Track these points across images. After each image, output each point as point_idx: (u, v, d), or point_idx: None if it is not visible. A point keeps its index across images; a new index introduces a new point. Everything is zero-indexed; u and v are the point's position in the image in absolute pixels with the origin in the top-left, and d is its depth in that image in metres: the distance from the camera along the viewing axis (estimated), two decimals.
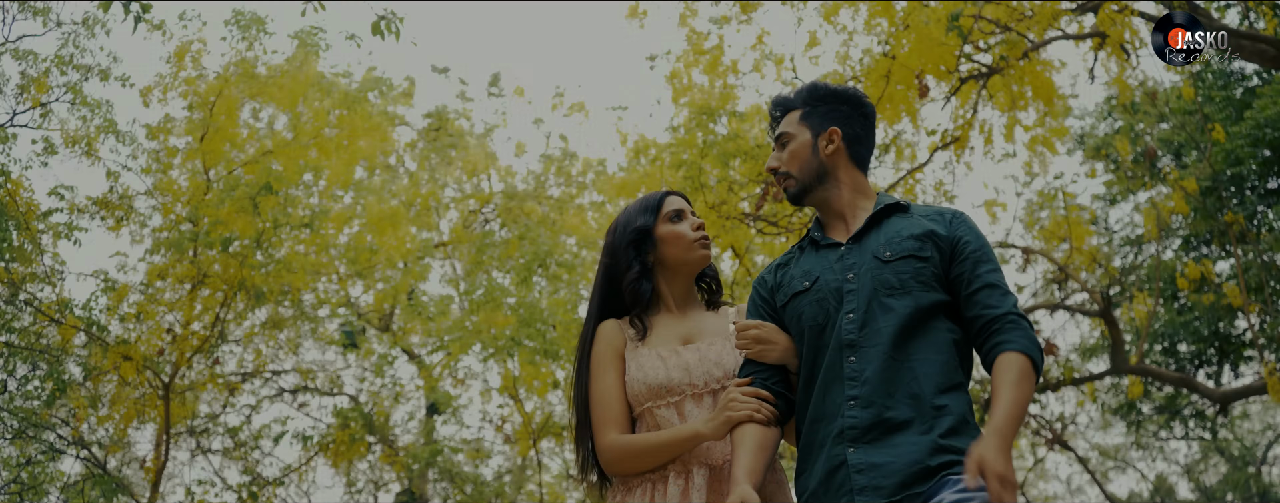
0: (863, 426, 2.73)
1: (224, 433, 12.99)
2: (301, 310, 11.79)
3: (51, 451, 13.83)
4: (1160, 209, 10.31)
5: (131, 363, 8.24)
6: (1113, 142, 14.58)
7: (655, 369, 3.11)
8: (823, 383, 2.86)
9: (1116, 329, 9.26)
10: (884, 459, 2.68)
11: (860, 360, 2.80)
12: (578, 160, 15.65)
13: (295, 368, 13.10)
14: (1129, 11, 7.20)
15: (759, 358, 3.01)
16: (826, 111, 3.14)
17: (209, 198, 8.82)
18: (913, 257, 2.89)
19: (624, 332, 3.23)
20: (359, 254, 10.30)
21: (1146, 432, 17.25)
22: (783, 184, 3.14)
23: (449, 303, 12.58)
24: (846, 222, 3.07)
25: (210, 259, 8.56)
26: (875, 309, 2.83)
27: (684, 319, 3.26)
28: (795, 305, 2.99)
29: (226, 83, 9.07)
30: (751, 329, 3.01)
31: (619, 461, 3.07)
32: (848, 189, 3.10)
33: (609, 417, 3.11)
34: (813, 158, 3.09)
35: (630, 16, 9.40)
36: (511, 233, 13.86)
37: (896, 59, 6.10)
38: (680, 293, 3.30)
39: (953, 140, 7.06)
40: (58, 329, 8.52)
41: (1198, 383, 9.89)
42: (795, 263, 3.10)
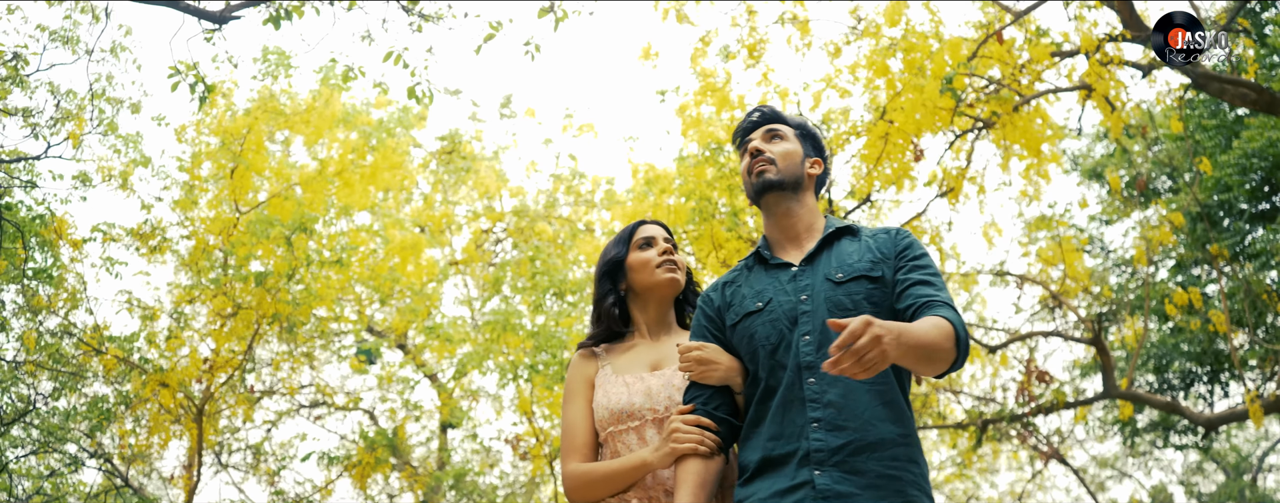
0: (829, 449, 2.78)
1: (246, 449, 13.41)
2: (323, 331, 12.21)
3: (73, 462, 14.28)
4: (1149, 239, 10.70)
5: (169, 390, 8.67)
6: (1108, 164, 14.99)
7: (619, 395, 3.16)
8: (782, 402, 2.89)
9: (1107, 355, 9.66)
10: (847, 488, 2.74)
11: (820, 383, 2.85)
12: (587, 179, 16.03)
13: (314, 385, 13.51)
14: (1116, 61, 7.61)
15: (702, 379, 3.02)
16: (815, 145, 3.28)
17: (239, 231, 9.25)
18: (864, 277, 2.95)
19: (597, 360, 3.31)
20: (381, 282, 10.72)
21: (1144, 440, 17.62)
22: (760, 165, 3.14)
23: (464, 324, 12.98)
24: (800, 243, 3.12)
25: (243, 290, 8.99)
26: (831, 332, 2.86)
27: (656, 345, 3.33)
28: (747, 325, 3.02)
29: (255, 119, 9.49)
30: (693, 351, 3.04)
31: (576, 488, 3.13)
32: (811, 211, 3.18)
33: (573, 445, 3.18)
34: (798, 167, 3.17)
35: (643, 58, 9.81)
36: (523, 253, 14.26)
37: (894, 125, 6.50)
38: (654, 319, 3.37)
39: (948, 190, 7.48)
40: (99, 359, 8.94)
41: (1184, 409, 10.28)
42: (744, 282, 3.13)
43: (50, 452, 13.67)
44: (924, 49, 7.68)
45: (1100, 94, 6.93)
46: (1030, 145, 7.26)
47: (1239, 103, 8.57)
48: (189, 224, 9.82)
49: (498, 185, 14.62)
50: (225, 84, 9.55)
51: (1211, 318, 9.75)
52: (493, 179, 14.90)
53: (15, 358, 11.50)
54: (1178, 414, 10.80)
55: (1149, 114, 10.70)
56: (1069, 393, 14.50)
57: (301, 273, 8.78)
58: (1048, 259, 11.74)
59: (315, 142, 10.26)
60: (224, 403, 10.37)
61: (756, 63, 8.90)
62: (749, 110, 3.34)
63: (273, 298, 8.62)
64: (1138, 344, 10.19)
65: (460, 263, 14.98)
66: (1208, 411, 14.09)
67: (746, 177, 3.19)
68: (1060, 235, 11.67)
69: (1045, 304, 12.16)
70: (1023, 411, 10.32)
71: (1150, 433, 15.48)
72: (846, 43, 9.48)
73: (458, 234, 15.69)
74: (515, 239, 15.01)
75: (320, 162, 10.27)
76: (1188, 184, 12.35)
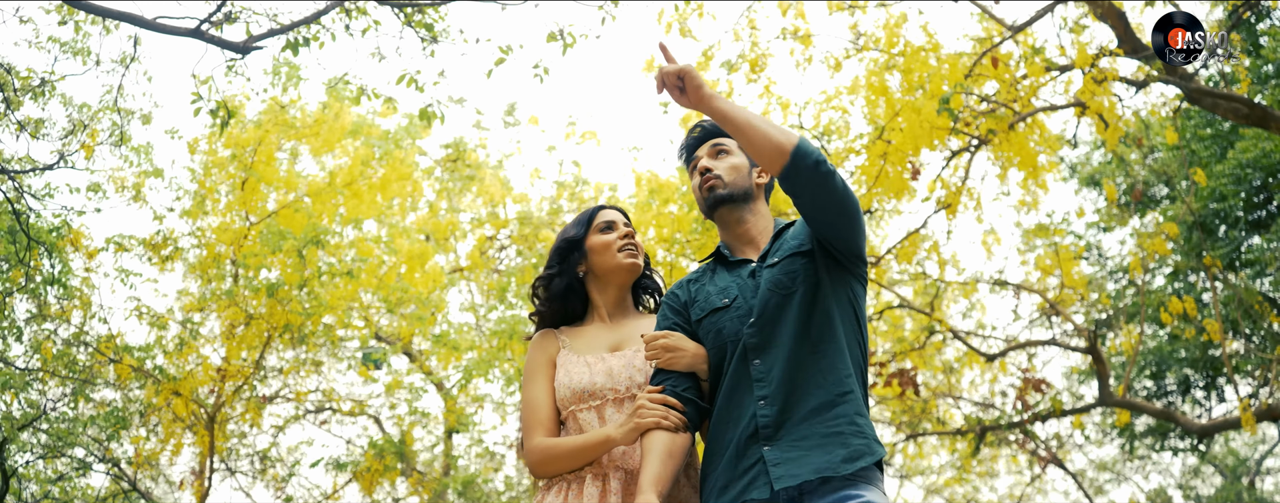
0: (774, 423, 2.90)
1: (254, 455, 13.59)
2: (331, 338, 12.39)
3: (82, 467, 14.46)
4: (1145, 249, 10.87)
5: (181, 399, 8.85)
6: (1105, 171, 15.14)
7: (580, 375, 3.23)
8: (730, 385, 3.02)
9: (1103, 364, 9.84)
10: (797, 454, 2.85)
11: (764, 363, 2.98)
12: (589, 186, 16.19)
13: (320, 391, 13.69)
14: (1111, 76, 7.78)
15: (669, 366, 3.11)
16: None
17: (249, 243, 9.42)
18: (795, 254, 3.09)
19: (558, 339, 3.37)
20: (388, 292, 10.90)
21: (1143, 444, 17.79)
22: (709, 182, 3.25)
23: (469, 331, 13.16)
24: (757, 245, 3.25)
25: (254, 299, 9.16)
26: (769, 311, 3.02)
27: (615, 328, 3.38)
28: (714, 320, 3.12)
29: (266, 131, 9.67)
30: (659, 339, 3.12)
31: (540, 463, 3.18)
32: (763, 218, 3.30)
33: (535, 421, 3.23)
34: (746, 179, 3.28)
35: (646, 70, 9.98)
36: (527, 260, 14.43)
37: (893, 144, 6.69)
38: (612, 302, 3.42)
39: (945, 206, 7.66)
40: (114, 368, 9.11)
41: (1178, 416, 10.46)
42: (709, 280, 3.25)
43: (58, 456, 13.85)
44: (922, 68, 7.86)
45: (1094, 111, 7.10)
46: (1026, 162, 7.44)
47: (1231, 117, 8.74)
48: (200, 234, 9.99)
49: (502, 194, 14.81)
50: (237, 97, 9.72)
51: (1206, 327, 9.91)
52: (497, 187, 15.08)
53: (28, 365, 11.69)
54: (1171, 422, 10.97)
55: (1145, 124, 10.86)
56: (1068, 399, 14.67)
57: (312, 284, 8.96)
58: (1045, 267, 11.92)
59: (325, 152, 10.43)
60: (233, 410, 10.55)
61: (758, 76, 9.08)
62: (691, 126, 3.44)
63: (284, 309, 8.79)
64: (1133, 353, 10.35)
65: (465, 270, 15.17)
66: (1206, 416, 14.27)
67: (698, 193, 3.31)
68: (1057, 243, 11.85)
69: (1043, 312, 12.34)
70: (1020, 418, 10.49)
71: (1148, 437, 15.64)
72: (847, 57, 9.66)
73: (462, 241, 15.88)
74: (519, 246, 15.20)
75: (329, 173, 10.44)
76: (1184, 193, 12.52)
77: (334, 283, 9.43)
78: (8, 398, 11.43)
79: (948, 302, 13.13)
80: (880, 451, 2.92)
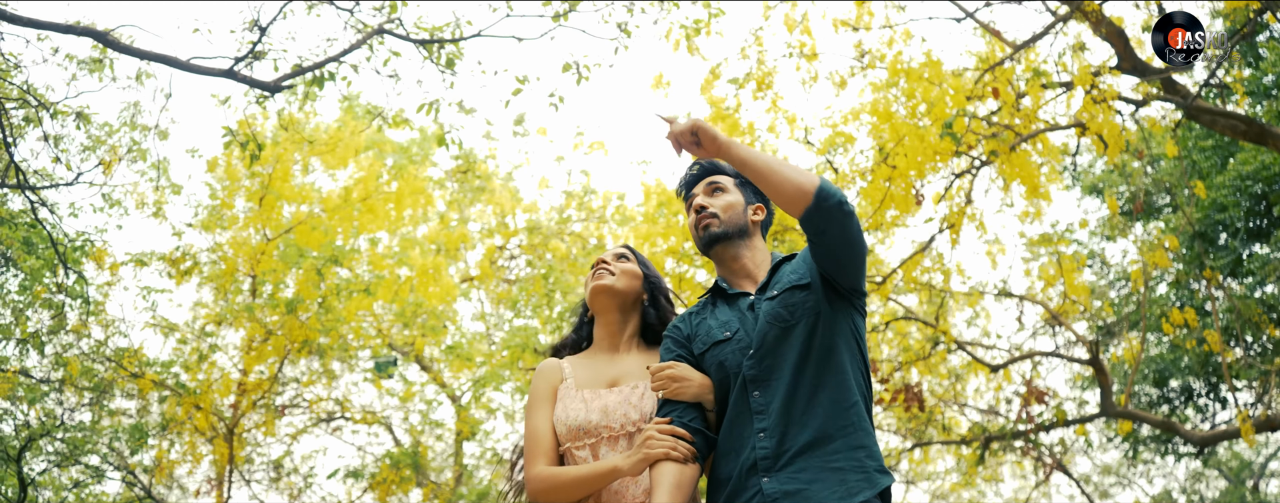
0: (773, 455, 2.91)
1: (269, 464, 13.79)
2: (343, 347, 12.61)
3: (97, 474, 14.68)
4: (1147, 260, 11.03)
5: (202, 412, 9.05)
6: (1108, 180, 15.29)
7: (576, 411, 3.21)
8: (732, 417, 3.04)
9: (1105, 375, 10.00)
10: (795, 487, 2.87)
11: (763, 395, 2.99)
12: (598, 195, 16.37)
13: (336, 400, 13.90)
14: (1110, 95, 7.95)
15: (675, 396, 3.11)
16: (756, 192, 3.41)
17: (269, 257, 9.62)
18: (795, 288, 3.12)
19: (562, 370, 3.36)
20: (403, 305, 11.09)
21: (1148, 448, 17.93)
22: (705, 220, 3.29)
23: (481, 341, 13.36)
24: (754, 278, 3.27)
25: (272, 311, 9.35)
26: (768, 343, 3.04)
27: (616, 360, 3.37)
28: (716, 353, 3.13)
29: (285, 149, 9.86)
30: (665, 370, 3.12)
31: (543, 492, 3.16)
32: (760, 252, 3.32)
33: (537, 449, 3.21)
34: (742, 216, 3.31)
35: (655, 87, 10.16)
36: (537, 270, 14.62)
37: (896, 168, 6.88)
38: (611, 333, 3.40)
39: (949, 226, 7.83)
40: (137, 382, 9.31)
41: (1179, 427, 10.63)
42: (709, 315, 3.25)
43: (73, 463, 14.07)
44: (925, 91, 8.04)
45: (1094, 131, 7.27)
46: (1028, 180, 7.62)
47: (1229, 134, 8.91)
48: (218, 250, 10.20)
49: (512, 204, 14.99)
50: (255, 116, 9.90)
51: (1206, 337, 10.08)
52: (507, 197, 15.27)
53: (46, 376, 11.90)
54: (1172, 432, 11.13)
55: (1146, 136, 11.03)
56: (1072, 406, 14.81)
57: (330, 300, 9.16)
58: (1048, 277, 12.08)
59: (341, 167, 10.63)
60: (251, 421, 10.75)
61: (765, 93, 9.26)
62: (690, 164, 3.45)
63: (303, 324, 8.99)
64: (1134, 364, 10.52)
65: (475, 280, 15.36)
66: (1209, 422, 14.43)
67: (694, 231, 3.33)
68: (1061, 253, 12.00)
69: (1046, 321, 12.50)
70: (1024, 428, 10.66)
71: (1152, 443, 15.79)
72: (851, 74, 9.84)
73: (472, 249, 16.07)
74: (529, 256, 15.39)
75: (345, 188, 10.64)
76: (1186, 202, 12.67)
77: (351, 298, 9.62)
78: (24, 408, 11.66)
79: (953, 310, 13.30)
80: (882, 481, 2.94)
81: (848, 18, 9.91)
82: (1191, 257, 12.88)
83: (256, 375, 9.84)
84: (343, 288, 9.37)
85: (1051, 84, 8.92)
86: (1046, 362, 13.57)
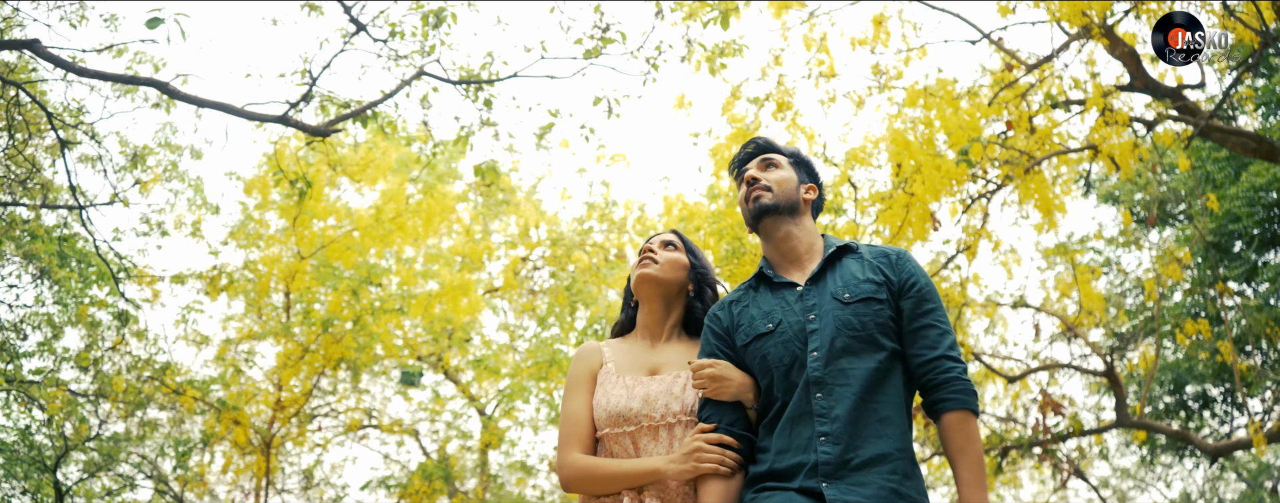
0: (836, 462, 2.87)
1: (299, 473, 14.12)
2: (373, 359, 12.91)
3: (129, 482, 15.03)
4: (1161, 272, 11.23)
5: (241, 427, 9.35)
6: (1123, 188, 15.48)
7: (618, 398, 3.14)
8: (790, 417, 2.96)
9: (1119, 386, 10.21)
10: (856, 498, 2.83)
11: (828, 398, 2.93)
12: (619, 206, 16.62)
13: (361, 409, 14.21)
14: (1122, 118, 8.16)
15: (716, 395, 3.06)
16: (809, 172, 3.39)
17: (303, 276, 9.91)
18: (871, 299, 3.04)
19: (602, 354, 3.31)
20: (431, 321, 11.38)
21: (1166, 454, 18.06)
22: (756, 192, 3.23)
23: (506, 352, 13.64)
24: (802, 263, 3.20)
25: (307, 332, 9.65)
26: (839, 350, 2.97)
27: (657, 349, 3.31)
28: (759, 347, 3.07)
29: (318, 169, 10.16)
30: (706, 368, 3.06)
31: (576, 480, 3.10)
32: (810, 234, 3.26)
33: (573, 435, 3.15)
34: (794, 193, 3.26)
35: (677, 107, 10.41)
36: (560, 281, 14.89)
37: (914, 194, 7.11)
38: (653, 321, 3.34)
39: (965, 248, 8.07)
40: (180, 400, 9.63)
41: (1192, 437, 10.82)
42: (752, 303, 3.18)
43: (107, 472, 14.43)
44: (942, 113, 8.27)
45: (1106, 154, 7.49)
46: (1042, 204, 7.84)
47: (1240, 151, 9.10)
48: (252, 267, 10.50)
49: (537, 218, 15.25)
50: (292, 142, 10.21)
51: (1219, 348, 10.27)
52: (531, 211, 15.52)
53: (83, 390, 12.24)
54: (1185, 441, 11.33)
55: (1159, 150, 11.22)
56: (1089, 414, 14.98)
57: (364, 319, 9.45)
58: (1064, 287, 12.28)
59: (369, 184, 10.92)
60: (286, 434, 11.05)
61: (785, 114, 9.49)
62: (744, 142, 3.42)
63: (338, 343, 9.28)
64: (1148, 375, 10.72)
65: (499, 291, 15.64)
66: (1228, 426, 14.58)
67: (743, 204, 3.28)
68: (1077, 263, 12.20)
69: (1062, 331, 12.71)
70: (1040, 439, 10.88)
71: (1169, 450, 15.96)
72: (869, 93, 10.08)
73: (494, 260, 16.34)
74: (552, 267, 15.65)
75: (376, 208, 10.94)
76: (1199, 212, 12.86)
77: (384, 316, 9.90)
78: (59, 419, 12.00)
79: (969, 320, 13.51)
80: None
81: (865, 36, 10.16)
82: (1206, 264, 13.07)
83: (290, 390, 10.14)
84: (378, 307, 9.66)
85: (1061, 104, 9.13)
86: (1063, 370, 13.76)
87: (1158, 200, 13.33)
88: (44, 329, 12.19)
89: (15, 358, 12.11)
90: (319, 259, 10.07)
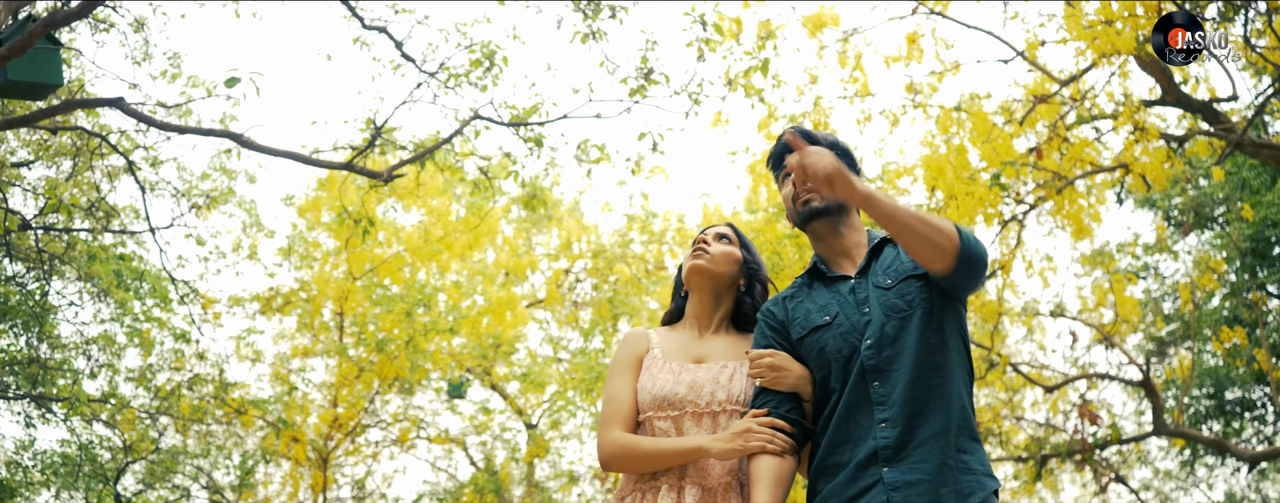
0: (895, 445, 2.87)
1: (353, 483, 14.51)
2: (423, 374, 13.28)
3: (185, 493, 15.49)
4: (1197, 282, 11.37)
5: (300, 445, 9.72)
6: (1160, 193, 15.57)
7: (664, 382, 3.13)
8: (847, 406, 2.95)
9: (1156, 396, 10.35)
10: (916, 477, 2.83)
11: (885, 385, 2.93)
12: (658, 217, 16.87)
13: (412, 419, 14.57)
14: (1152, 134, 8.34)
15: (773, 385, 3.04)
16: (850, 162, 3.24)
17: (357, 298, 10.27)
18: (910, 277, 3.02)
19: (649, 339, 3.30)
20: (480, 339, 11.70)
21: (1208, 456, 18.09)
22: (806, 195, 3.14)
23: (550, 364, 13.97)
24: (852, 257, 3.16)
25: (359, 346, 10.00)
26: (888, 334, 2.95)
27: (701, 340, 3.28)
28: (817, 339, 3.05)
29: (367, 195, 10.51)
30: (765, 357, 3.04)
31: (617, 457, 3.10)
32: (856, 230, 3.21)
33: (617, 414, 3.14)
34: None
35: (714, 125, 10.66)
36: (602, 294, 15.18)
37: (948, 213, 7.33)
38: (701, 313, 3.31)
39: (999, 268, 8.27)
40: (241, 419, 10.02)
41: (1229, 445, 10.93)
42: (806, 298, 3.15)
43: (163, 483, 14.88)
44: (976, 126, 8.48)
45: (1137, 173, 7.67)
46: (1075, 223, 8.03)
47: (1274, 164, 9.23)
48: (305, 288, 10.87)
49: (579, 232, 15.54)
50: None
51: (1256, 356, 10.41)
52: (573, 225, 15.81)
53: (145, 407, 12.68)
54: (1223, 450, 11.45)
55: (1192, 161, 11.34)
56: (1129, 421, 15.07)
57: (417, 340, 9.79)
58: (1100, 294, 12.42)
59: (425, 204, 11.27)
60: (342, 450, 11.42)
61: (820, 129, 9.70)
62: (780, 133, 3.30)
63: (392, 363, 9.63)
64: (1186, 383, 10.86)
65: (542, 303, 15.94)
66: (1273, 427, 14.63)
67: (790, 204, 3.20)
68: (1114, 272, 12.34)
69: (1100, 340, 12.85)
70: (1077, 450, 11.04)
71: (1209, 455, 16.02)
72: (903, 112, 10.29)
73: (536, 270, 16.64)
74: (594, 279, 15.93)
75: (423, 226, 11.28)
76: (1235, 219, 12.96)
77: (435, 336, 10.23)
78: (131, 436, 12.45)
79: (1007, 329, 13.67)
80: (991, 485, 2.93)
81: (899, 53, 10.38)
82: (1243, 270, 13.16)
83: (345, 402, 10.50)
84: (430, 327, 10.01)
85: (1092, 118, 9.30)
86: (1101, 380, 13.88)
87: (1193, 208, 13.42)
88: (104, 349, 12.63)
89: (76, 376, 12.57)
90: (367, 279, 10.43)
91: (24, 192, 11.38)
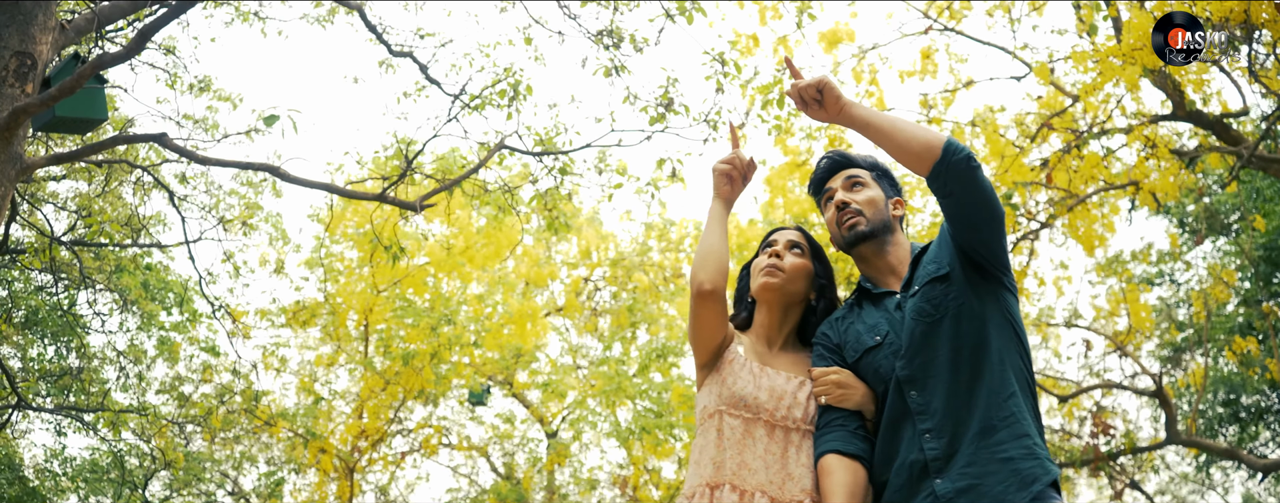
0: (944, 455, 2.81)
1: (377, 490, 14.74)
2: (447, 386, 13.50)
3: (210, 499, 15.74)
4: (1209, 294, 11.49)
5: (328, 455, 9.95)
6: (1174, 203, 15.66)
7: (745, 383, 3.11)
8: (888, 421, 2.93)
9: (1169, 406, 10.48)
10: (967, 483, 2.77)
11: (921, 395, 2.89)
12: (677, 225, 17.04)
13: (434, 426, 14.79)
14: (1163, 152, 8.48)
15: (839, 403, 3.01)
16: (892, 184, 3.29)
17: (380, 311, 10.49)
18: (933, 280, 2.98)
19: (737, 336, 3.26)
20: (502, 350, 11.91)
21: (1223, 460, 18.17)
22: (851, 219, 3.14)
23: (569, 372, 14.16)
24: (898, 274, 3.14)
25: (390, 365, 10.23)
26: (918, 341, 2.92)
27: (770, 354, 3.24)
28: (871, 360, 3.02)
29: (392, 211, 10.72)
30: (830, 375, 3.04)
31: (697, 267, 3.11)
32: (902, 248, 3.19)
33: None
34: (884, 212, 3.18)
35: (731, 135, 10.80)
36: (622, 302, 15.38)
37: None
38: (768, 324, 3.27)
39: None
40: (270, 430, 10.25)
41: (1242, 454, 11.05)
42: (856, 319, 3.13)
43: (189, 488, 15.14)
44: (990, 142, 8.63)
45: (1147, 190, 7.82)
46: (1087, 243, 8.18)
47: (1278, 176, 9.36)
48: (330, 300, 11.10)
49: (597, 242, 15.71)
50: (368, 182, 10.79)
51: (1269, 367, 10.52)
52: (593, 236, 15.99)
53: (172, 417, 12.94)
54: (1235, 459, 11.57)
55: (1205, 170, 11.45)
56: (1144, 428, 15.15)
57: (443, 353, 10.00)
58: (1114, 302, 12.53)
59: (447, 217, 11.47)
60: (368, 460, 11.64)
61: (837, 146, 9.91)
62: (820, 157, 3.34)
63: (418, 375, 9.85)
64: (1199, 392, 10.98)
65: (562, 312, 16.14)
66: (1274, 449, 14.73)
67: (835, 229, 3.19)
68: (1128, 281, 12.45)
69: (1114, 349, 12.98)
70: (1090, 459, 11.17)
71: (1225, 461, 16.11)
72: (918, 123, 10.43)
73: (555, 278, 16.83)
74: (613, 287, 16.12)
75: (446, 240, 11.48)
76: (1249, 228, 13.05)
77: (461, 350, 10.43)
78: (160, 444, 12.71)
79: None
80: (1053, 470, 2.84)
81: (913, 68, 10.54)
82: (1256, 279, 13.25)
83: (371, 412, 10.72)
84: (454, 340, 10.23)
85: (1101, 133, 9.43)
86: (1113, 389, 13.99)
87: (1205, 217, 13.53)
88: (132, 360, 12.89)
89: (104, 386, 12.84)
90: (391, 291, 10.64)
91: (56, 208, 11.65)
